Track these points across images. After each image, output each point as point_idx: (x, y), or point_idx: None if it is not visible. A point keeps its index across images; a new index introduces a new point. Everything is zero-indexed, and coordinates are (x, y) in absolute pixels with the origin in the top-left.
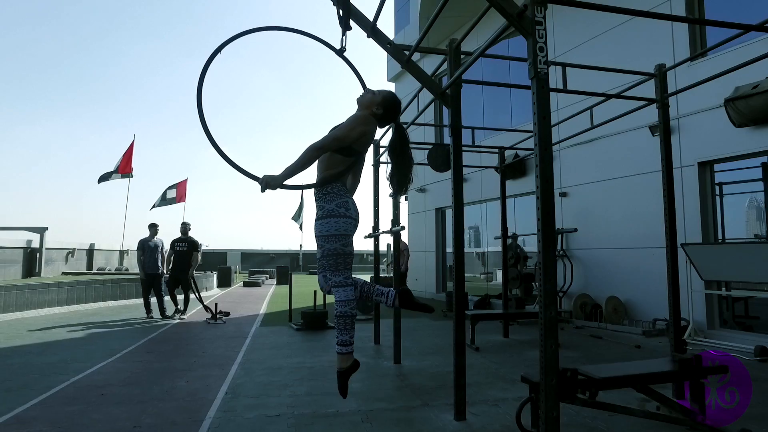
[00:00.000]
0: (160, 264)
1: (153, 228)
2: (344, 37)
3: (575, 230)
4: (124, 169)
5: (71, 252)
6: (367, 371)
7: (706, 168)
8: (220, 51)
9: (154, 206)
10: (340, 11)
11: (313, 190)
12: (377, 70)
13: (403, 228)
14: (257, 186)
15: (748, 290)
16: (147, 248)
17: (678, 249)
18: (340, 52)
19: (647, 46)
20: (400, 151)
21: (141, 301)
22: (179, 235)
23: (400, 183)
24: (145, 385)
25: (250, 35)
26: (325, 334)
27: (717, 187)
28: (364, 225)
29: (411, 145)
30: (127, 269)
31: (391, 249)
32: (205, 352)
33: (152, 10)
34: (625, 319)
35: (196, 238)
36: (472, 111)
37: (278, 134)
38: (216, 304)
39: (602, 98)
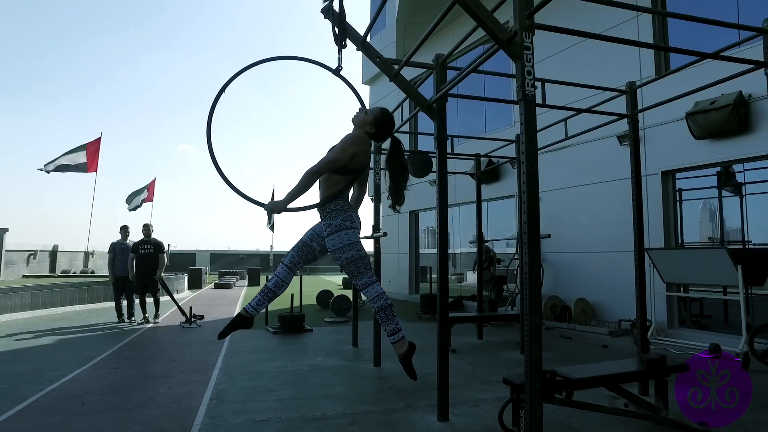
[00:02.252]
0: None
1: (124, 230)
2: (340, 56)
3: (549, 236)
4: (91, 167)
5: (33, 254)
6: (349, 374)
7: (668, 177)
8: (224, 91)
9: (133, 209)
10: (336, 29)
11: (317, 210)
12: (351, 73)
13: (385, 234)
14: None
15: (703, 291)
16: (118, 251)
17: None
18: (337, 72)
19: (616, 55)
20: (394, 163)
21: (110, 304)
22: (142, 237)
23: (393, 193)
24: (127, 392)
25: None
26: (303, 337)
27: (677, 194)
28: None
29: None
30: (93, 271)
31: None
32: (183, 357)
33: (120, 1)
34: (593, 319)
35: (160, 239)
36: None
37: (246, 131)
38: (191, 308)
39: (577, 110)
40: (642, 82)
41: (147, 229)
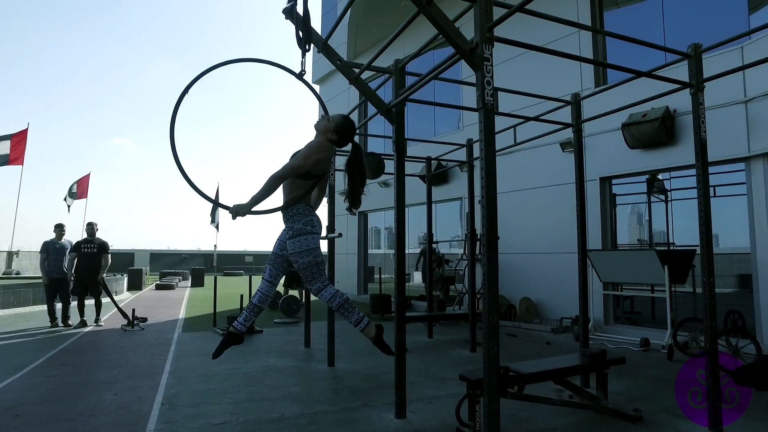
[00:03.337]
0: (66, 268)
1: (59, 228)
2: (303, 59)
3: (497, 238)
4: (17, 159)
5: None
6: (303, 375)
7: (606, 183)
8: (187, 92)
9: (69, 206)
10: (300, 33)
11: (281, 212)
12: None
13: (340, 235)
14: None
15: (634, 290)
16: (52, 250)
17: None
18: (300, 76)
19: (559, 66)
20: (353, 167)
21: (41, 308)
22: (85, 236)
23: (350, 196)
24: (68, 401)
25: (211, 69)
26: (253, 338)
27: (613, 199)
28: None
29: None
30: (18, 273)
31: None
32: (128, 362)
33: None
34: (536, 317)
35: (104, 239)
36: None
37: (193, 127)
38: (133, 310)
39: (526, 118)
40: (585, 95)
41: (91, 227)
